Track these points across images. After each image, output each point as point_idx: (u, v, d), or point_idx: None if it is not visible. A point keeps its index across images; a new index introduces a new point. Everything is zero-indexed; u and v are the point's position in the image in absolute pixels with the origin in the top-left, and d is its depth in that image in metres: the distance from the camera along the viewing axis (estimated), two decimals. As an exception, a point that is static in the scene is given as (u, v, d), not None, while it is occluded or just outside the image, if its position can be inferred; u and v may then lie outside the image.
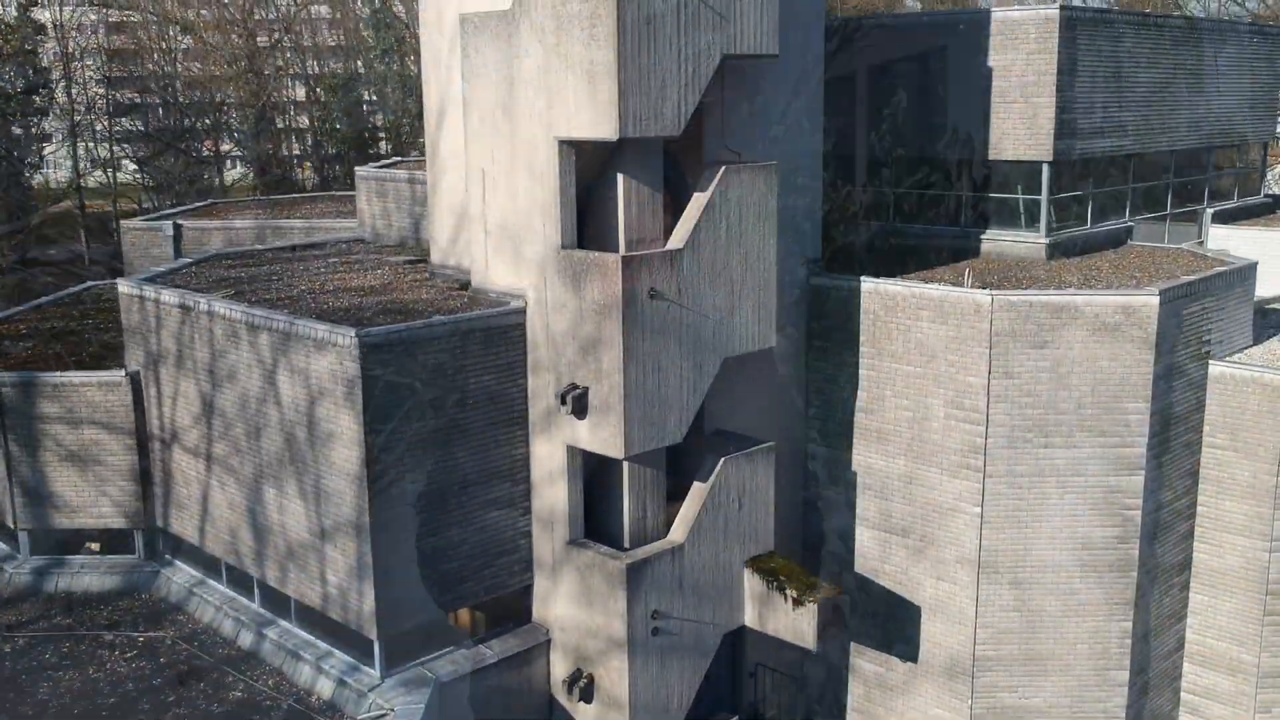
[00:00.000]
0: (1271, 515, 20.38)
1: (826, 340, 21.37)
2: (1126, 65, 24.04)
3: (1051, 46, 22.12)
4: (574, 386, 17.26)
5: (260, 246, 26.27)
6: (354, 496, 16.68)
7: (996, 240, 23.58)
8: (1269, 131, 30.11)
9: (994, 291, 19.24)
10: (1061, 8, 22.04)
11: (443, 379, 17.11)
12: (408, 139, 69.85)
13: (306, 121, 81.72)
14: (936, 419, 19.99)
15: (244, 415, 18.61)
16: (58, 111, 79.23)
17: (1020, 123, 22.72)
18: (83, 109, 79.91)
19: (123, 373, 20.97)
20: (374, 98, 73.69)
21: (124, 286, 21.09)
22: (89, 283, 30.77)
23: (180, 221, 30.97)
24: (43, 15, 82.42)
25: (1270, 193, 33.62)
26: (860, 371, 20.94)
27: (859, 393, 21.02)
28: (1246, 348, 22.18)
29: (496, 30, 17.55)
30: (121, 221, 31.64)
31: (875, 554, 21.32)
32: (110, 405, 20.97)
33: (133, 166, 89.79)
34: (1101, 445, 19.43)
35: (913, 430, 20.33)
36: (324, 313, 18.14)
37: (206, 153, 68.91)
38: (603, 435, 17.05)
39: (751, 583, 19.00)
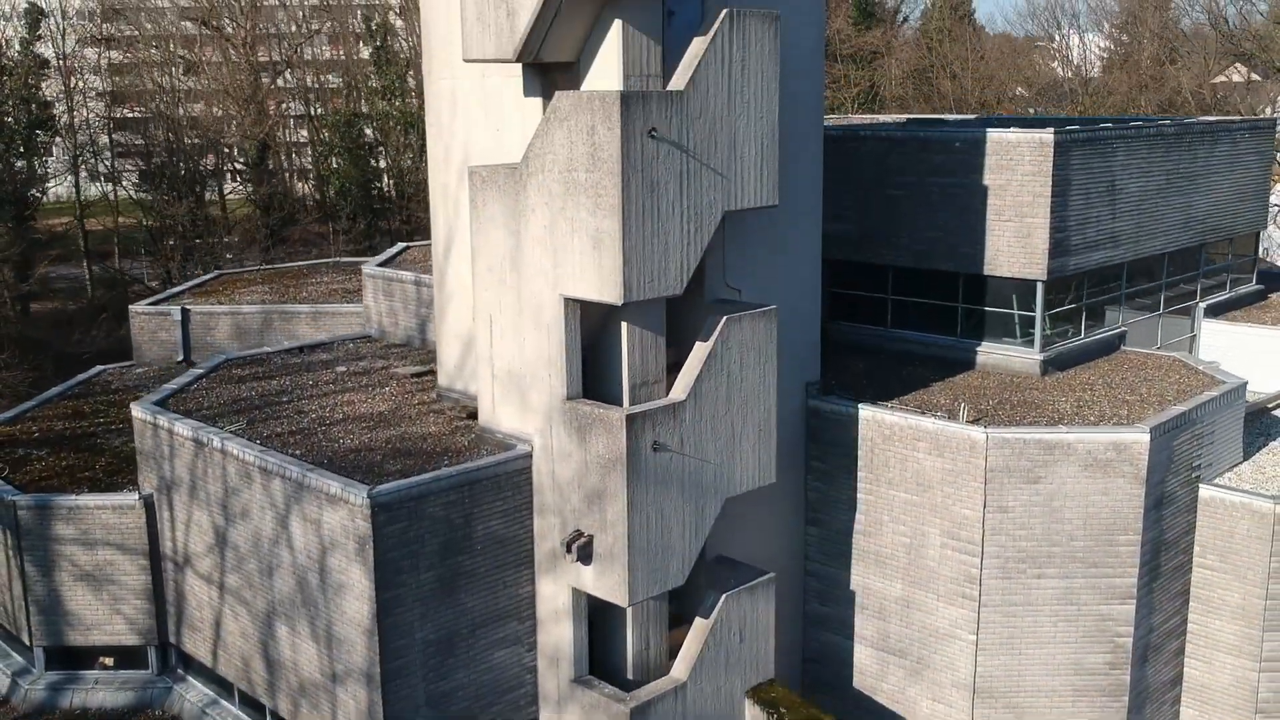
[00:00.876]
0: (1261, 636, 20.86)
1: (825, 462, 21.84)
2: (1119, 176, 24.51)
3: (1046, 170, 22.58)
4: (579, 534, 17.72)
5: (269, 348, 26.69)
6: (365, 647, 17.14)
7: (991, 353, 24.04)
8: (1260, 221, 30.57)
9: (988, 429, 19.70)
10: (1055, 132, 22.50)
11: (452, 527, 17.57)
12: (409, 176, 70.40)
13: (309, 154, 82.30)
14: (933, 547, 20.47)
15: (257, 552, 19.07)
16: (61, 146, 79.75)
17: (1015, 241, 23.18)
18: (85, 140, 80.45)
19: (136, 495, 21.42)
20: (376, 135, 74.08)
21: (137, 411, 21.53)
22: (97, 368, 31.17)
23: (188, 306, 31.43)
24: (45, 50, 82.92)
25: (1269, 265, 34.07)
26: (858, 495, 21.42)
27: (858, 515, 21.50)
28: (1236, 464, 22.66)
29: (504, 186, 18.01)
30: (130, 308, 32.06)
31: (873, 671, 21.78)
32: (124, 527, 21.43)
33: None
34: (1094, 576, 19.90)
35: (910, 556, 20.80)
36: (335, 456, 18.59)
37: (210, 196, 69.20)
38: (607, 583, 17.51)
39: (752, 712, 19.46)
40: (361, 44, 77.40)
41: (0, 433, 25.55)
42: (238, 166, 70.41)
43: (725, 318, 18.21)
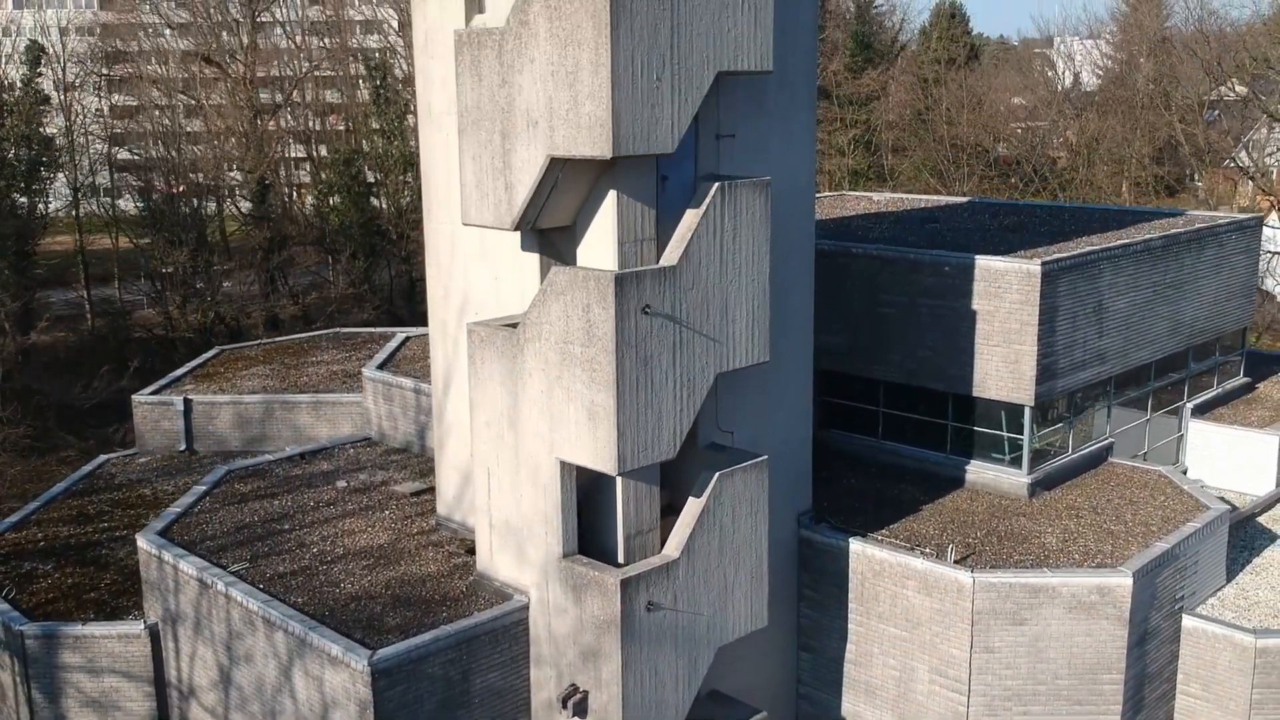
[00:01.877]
0: (1243, 764, 21.32)
1: (817, 591, 22.30)
2: (1106, 295, 24.95)
3: (1033, 299, 23.03)
4: (574, 689, 18.17)
5: (269, 456, 27.14)
6: (366, 804, 17.58)
7: (981, 473, 24.49)
8: (1248, 317, 31.02)
9: (975, 572, 20.16)
10: (1043, 264, 22.95)
11: (450, 684, 18.00)
12: (408, 215, 70.76)
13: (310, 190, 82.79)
14: (922, 682, 20.92)
15: (260, 696, 19.51)
16: (63, 179, 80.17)
17: (1003, 366, 23.62)
18: (86, 177, 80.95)
19: (141, 625, 21.85)
20: (376, 175, 74.51)
21: (143, 543, 21.97)
22: (101, 458, 31.60)
23: (190, 396, 31.84)
24: (47, 84, 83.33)
25: (1262, 346, 34.51)
26: (850, 625, 21.87)
27: (849, 645, 21.95)
28: (1220, 588, 23.11)
29: (502, 348, 18.45)
30: (133, 398, 32.48)
31: (863, 796, 22.23)
32: (130, 655, 21.85)
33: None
34: (1079, 714, 20.35)
35: (899, 689, 21.25)
36: (337, 606, 19.02)
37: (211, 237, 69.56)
38: (602, 738, 17.97)
39: None
40: (361, 83, 77.95)
41: (5, 541, 25.98)
42: (240, 208, 70.83)
43: (718, 474, 18.66)
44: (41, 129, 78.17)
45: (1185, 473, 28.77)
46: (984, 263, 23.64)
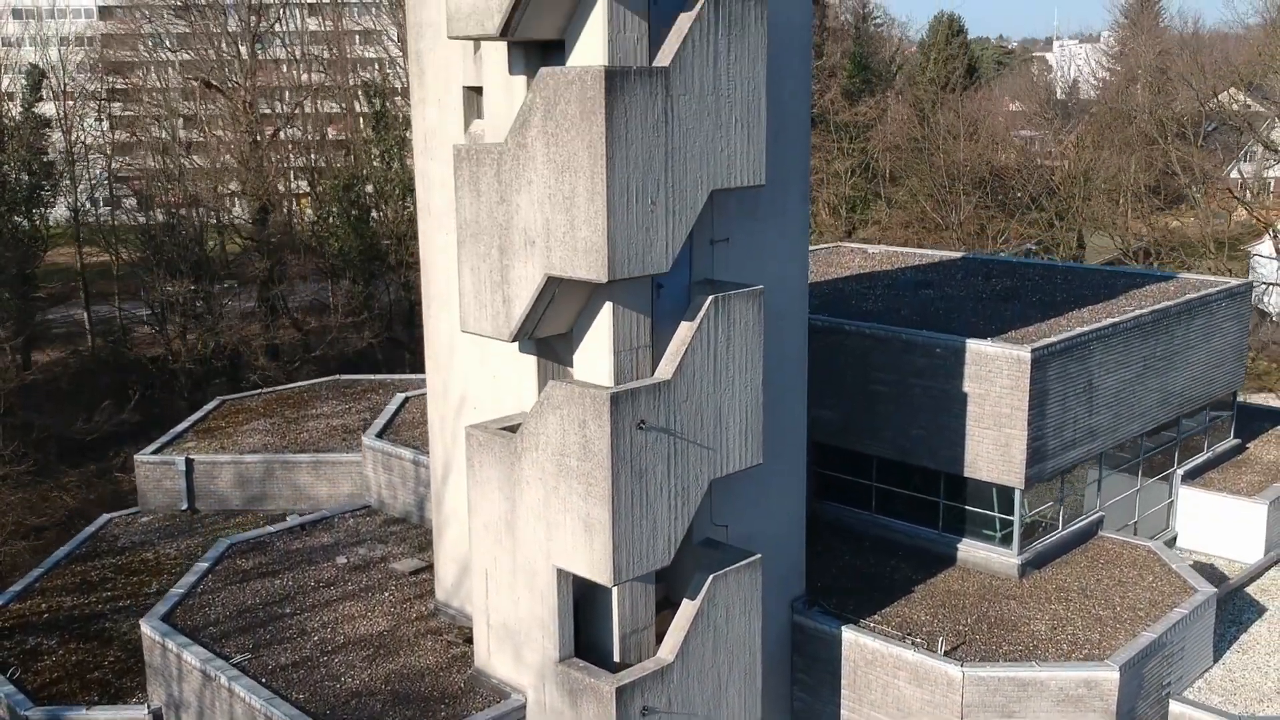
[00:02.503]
0: (1229, 847, 21.67)
1: (810, 675, 22.65)
2: (1096, 374, 25.30)
3: (1023, 385, 23.38)
4: (571, 790, 18.53)
5: (271, 528, 27.49)
6: None
7: (972, 552, 24.84)
8: (1239, 380, 31.37)
9: (965, 666, 20.51)
10: (1032, 350, 23.29)
11: (449, 786, 18.37)
12: (408, 245, 71.07)
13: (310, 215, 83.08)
14: (912, 770, 21.28)
15: (262, 790, 19.85)
16: (63, 203, 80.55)
17: (994, 449, 23.97)
18: (85, 196, 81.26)
19: (145, 710, 22.18)
20: (375, 196, 74.74)
21: (146, 629, 22.31)
22: (104, 518, 31.95)
23: (192, 456, 32.18)
24: (48, 109, 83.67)
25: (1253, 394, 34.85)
26: (842, 711, 22.22)
27: (840, 729, 22.32)
28: (1207, 669, 23.47)
29: (500, 454, 18.79)
30: (135, 457, 32.84)
31: None
32: (133, 740, 22.20)
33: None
34: (1066, 804, 20.71)
35: (890, 776, 21.61)
36: (337, 704, 19.37)
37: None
38: (598, 839, 18.31)
39: None
40: (360, 100, 78.23)
41: (10, 613, 26.32)
42: (239, 235, 71.10)
43: (712, 577, 19.01)
44: (43, 155, 78.56)
45: (1175, 540, 29.15)
46: (975, 346, 23.98)
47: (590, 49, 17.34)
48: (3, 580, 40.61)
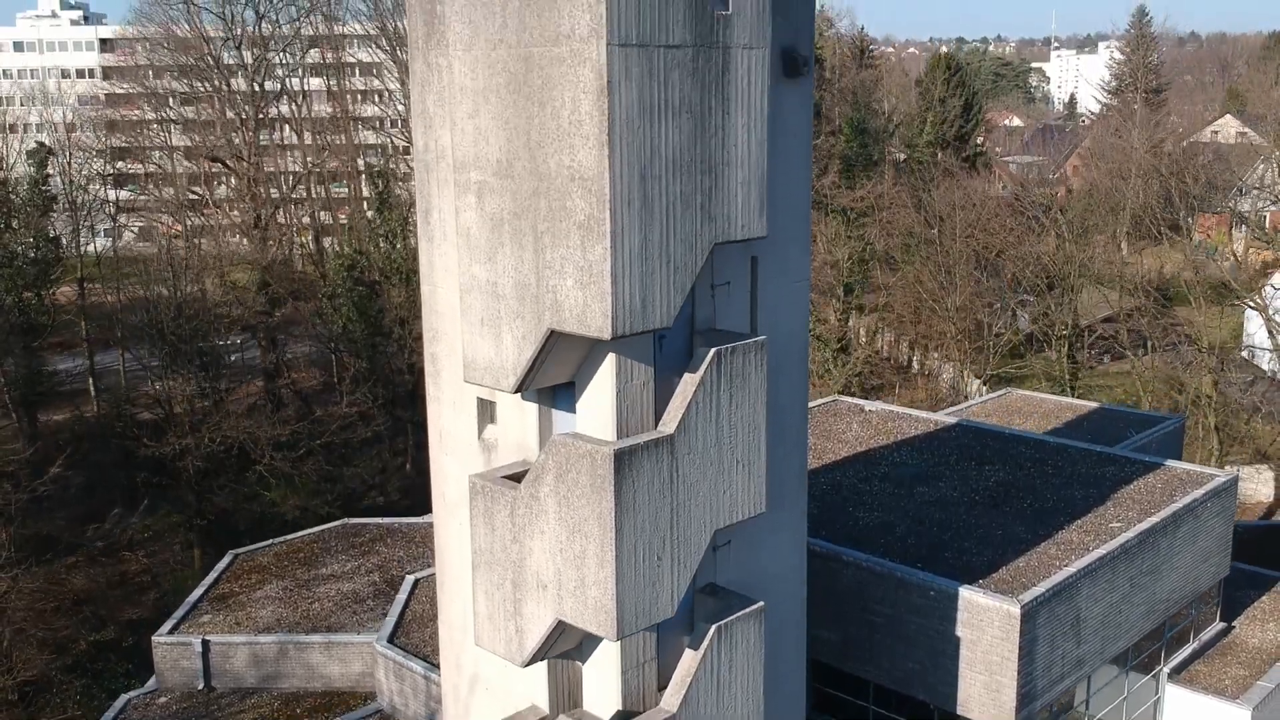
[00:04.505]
0: None
1: None
2: (1085, 607, 26.26)
3: (1013, 637, 24.33)
4: None
5: (287, 740, 28.44)
6: None
7: (965, 787, 25.82)
8: (1225, 569, 32.30)
9: None
10: (1022, 606, 24.24)
11: None
12: (411, 328, 72.02)
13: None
14: None
15: None
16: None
17: (985, 693, 24.93)
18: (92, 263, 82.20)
19: None
20: (379, 275, 75.72)
21: None
22: (122, 699, 32.88)
23: (208, 638, 33.13)
24: (54, 183, 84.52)
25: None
26: None
27: None
28: None
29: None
30: (153, 639, 33.78)
31: None
32: None
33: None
34: None
35: None
36: None
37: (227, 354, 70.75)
38: None
39: None
40: (363, 179, 79.42)
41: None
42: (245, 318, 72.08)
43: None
44: (49, 231, 79.53)
45: (1162, 740, 30.13)
46: (967, 595, 24.93)
47: (599, 397, 18.24)
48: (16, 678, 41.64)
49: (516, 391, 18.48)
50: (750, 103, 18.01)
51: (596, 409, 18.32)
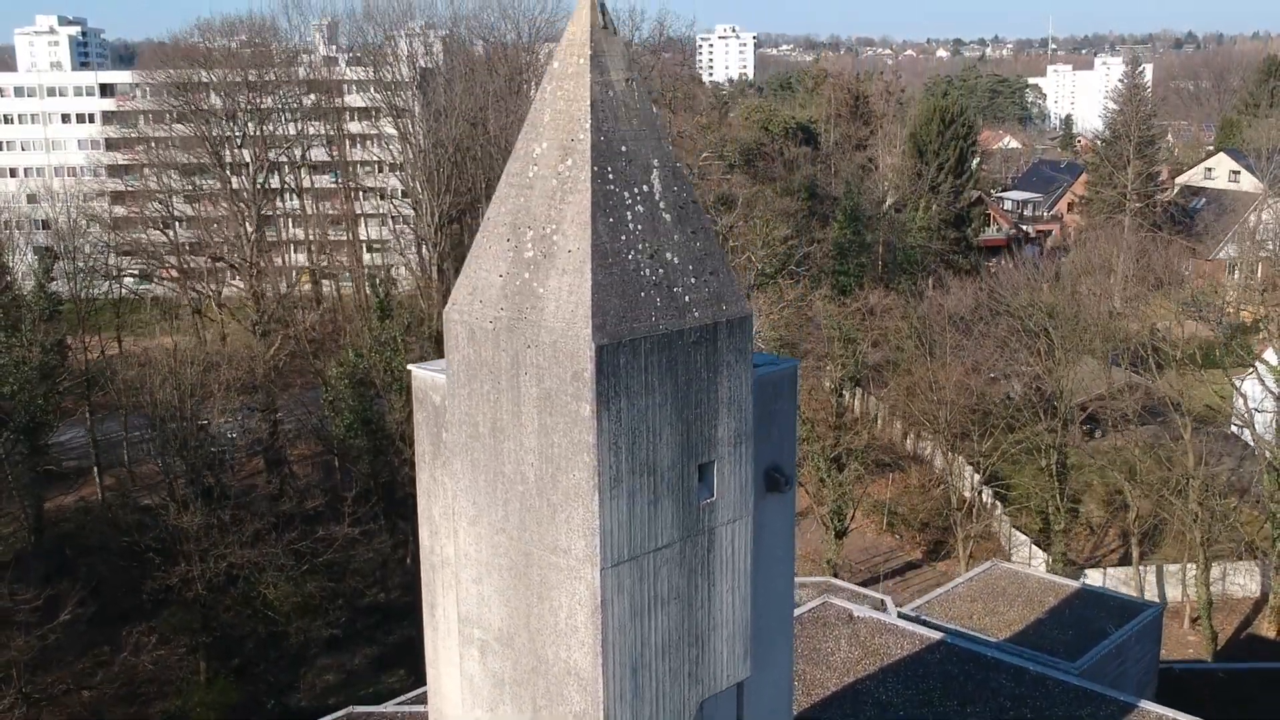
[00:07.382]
0: None
1: None
2: None
3: None
4: None
5: None
6: None
7: None
8: None
9: None
10: None
11: None
12: (412, 447, 73.31)
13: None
14: None
15: None
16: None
17: None
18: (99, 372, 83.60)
19: None
20: (380, 386, 77.11)
21: None
22: None
23: None
24: (58, 285, 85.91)
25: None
26: None
27: None
28: None
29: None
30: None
31: None
32: None
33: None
34: None
35: None
36: None
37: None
38: None
39: None
40: (366, 294, 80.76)
41: None
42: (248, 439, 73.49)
43: None
44: (57, 339, 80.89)
45: None
46: None
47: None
48: None
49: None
50: (735, 568, 19.31)
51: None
